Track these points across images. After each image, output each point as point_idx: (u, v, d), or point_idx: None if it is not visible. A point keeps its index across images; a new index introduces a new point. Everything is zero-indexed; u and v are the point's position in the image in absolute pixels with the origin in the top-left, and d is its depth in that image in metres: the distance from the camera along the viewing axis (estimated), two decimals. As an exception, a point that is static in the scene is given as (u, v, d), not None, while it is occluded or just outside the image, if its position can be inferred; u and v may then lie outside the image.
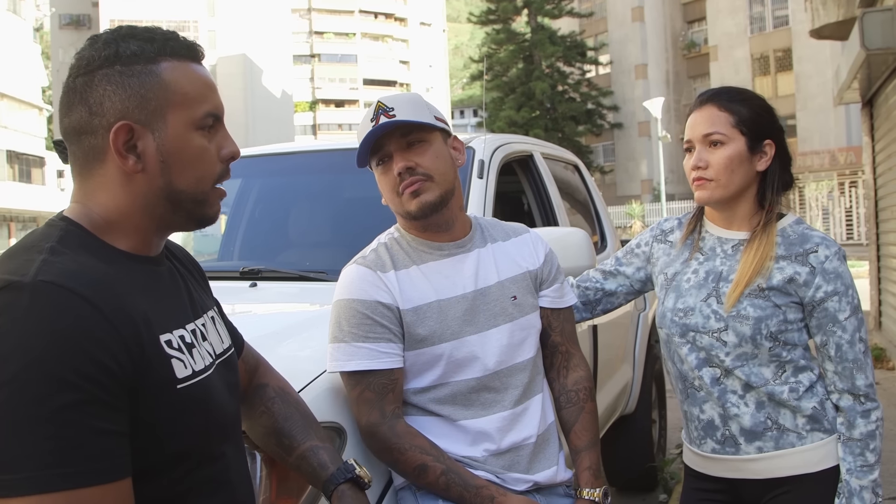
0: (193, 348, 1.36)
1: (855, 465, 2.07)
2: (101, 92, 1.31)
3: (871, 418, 2.08)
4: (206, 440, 1.36)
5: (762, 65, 38.87)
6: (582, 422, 2.18)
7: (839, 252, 2.10)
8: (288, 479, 1.77)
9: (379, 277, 2.04)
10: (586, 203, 4.88)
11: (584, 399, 2.21)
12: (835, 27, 10.05)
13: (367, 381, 1.98)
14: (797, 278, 2.07)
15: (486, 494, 1.95)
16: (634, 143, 45.32)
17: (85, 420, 1.13)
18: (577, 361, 2.26)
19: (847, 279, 2.09)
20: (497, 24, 44.42)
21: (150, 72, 1.33)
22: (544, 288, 2.22)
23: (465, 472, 1.97)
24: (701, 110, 2.16)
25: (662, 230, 2.37)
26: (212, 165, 1.40)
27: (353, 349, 1.99)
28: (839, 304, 2.06)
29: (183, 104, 1.36)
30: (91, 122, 1.32)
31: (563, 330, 2.25)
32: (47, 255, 1.22)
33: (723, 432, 2.16)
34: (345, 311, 2.02)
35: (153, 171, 1.34)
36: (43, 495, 1.10)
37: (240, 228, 3.56)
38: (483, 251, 2.16)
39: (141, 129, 1.32)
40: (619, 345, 4.50)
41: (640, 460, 4.86)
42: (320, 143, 5.64)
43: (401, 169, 2.02)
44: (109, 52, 1.32)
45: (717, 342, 2.11)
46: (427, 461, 1.95)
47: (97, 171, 1.34)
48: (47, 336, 1.13)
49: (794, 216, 2.18)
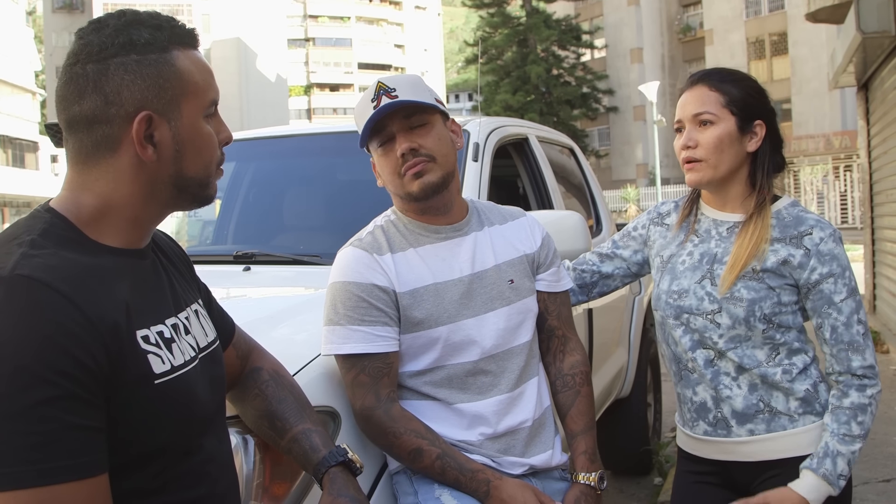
0: (173, 343, 1.35)
1: (839, 431, 2.05)
2: (118, 81, 1.29)
3: (865, 392, 2.06)
4: (186, 434, 1.35)
5: (757, 48, 38.84)
6: (578, 406, 2.18)
7: (834, 234, 2.09)
8: (281, 463, 1.76)
9: (375, 260, 2.03)
10: (581, 186, 4.87)
11: (581, 383, 2.20)
12: (830, 10, 10.03)
13: (362, 365, 1.97)
14: (791, 260, 2.06)
15: (482, 478, 1.95)
16: (630, 127, 45.33)
17: (61, 416, 1.13)
18: (574, 346, 2.25)
19: (843, 261, 2.08)
20: (492, 7, 44.27)
21: (166, 61, 1.33)
22: (541, 272, 2.22)
23: (460, 456, 1.97)
24: (692, 90, 2.15)
25: (659, 213, 2.36)
26: (216, 150, 1.42)
27: (349, 332, 1.98)
28: (835, 286, 2.05)
29: (194, 93, 1.36)
30: (107, 112, 1.30)
31: (559, 314, 2.24)
32: (27, 249, 1.21)
33: (715, 414, 2.16)
34: (340, 293, 2.01)
35: (166, 160, 1.34)
36: (19, 491, 1.10)
37: (234, 212, 3.55)
38: (480, 234, 2.15)
39: (158, 118, 1.32)
40: (615, 328, 4.50)
41: (636, 444, 4.88)
42: (314, 127, 5.62)
43: (405, 150, 2.01)
44: (123, 40, 1.30)
45: (710, 324, 2.11)
46: (422, 445, 1.94)
47: (106, 160, 1.32)
48: (23, 331, 1.12)
49: (790, 198, 2.17)
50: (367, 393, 1.96)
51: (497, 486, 1.94)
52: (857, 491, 4.55)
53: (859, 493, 4.55)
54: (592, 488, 2.08)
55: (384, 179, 2.10)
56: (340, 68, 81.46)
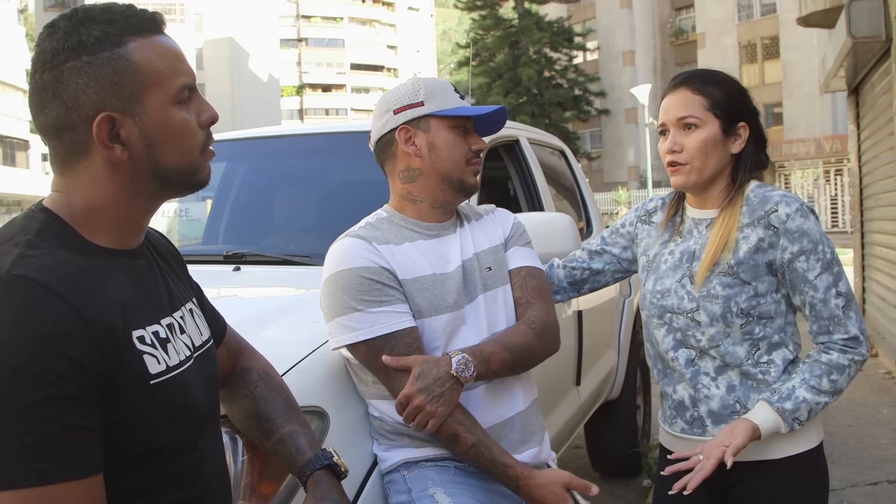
0: (168, 343, 1.35)
1: (809, 380, 2.03)
2: (73, 86, 1.27)
3: (847, 354, 2.05)
4: (181, 434, 1.35)
5: (749, 52, 38.94)
6: (507, 331, 2.11)
7: (801, 208, 2.07)
8: (270, 463, 1.76)
9: (374, 247, 2.04)
10: (572, 189, 4.88)
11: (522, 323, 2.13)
12: (822, 15, 10.05)
13: (390, 346, 1.96)
14: (762, 244, 2.07)
15: (513, 475, 1.97)
16: (621, 130, 45.38)
17: (57, 416, 1.13)
18: (536, 307, 2.17)
19: (814, 235, 2.06)
20: (484, 9, 44.28)
21: (119, 56, 1.29)
22: (507, 251, 2.23)
23: (495, 448, 1.98)
24: (675, 93, 2.16)
25: (647, 210, 2.38)
26: (195, 136, 1.38)
27: (371, 316, 1.96)
28: (807, 262, 2.05)
29: (157, 83, 1.32)
30: (69, 118, 1.28)
31: (523, 284, 2.19)
32: (24, 249, 1.21)
33: (692, 413, 2.17)
34: (349, 280, 1.99)
35: (139, 156, 1.32)
36: (15, 491, 1.10)
37: (224, 212, 3.55)
38: (462, 230, 2.19)
39: (121, 116, 1.29)
40: (604, 330, 4.51)
41: (625, 446, 4.89)
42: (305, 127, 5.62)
43: (482, 149, 2.15)
44: (73, 42, 1.27)
45: (691, 322, 2.12)
46: (459, 431, 1.96)
47: (81, 164, 1.31)
48: (20, 332, 1.13)
49: (756, 181, 2.17)
50: (404, 374, 1.95)
51: (527, 484, 1.97)
52: (844, 494, 4.58)
53: (847, 496, 4.57)
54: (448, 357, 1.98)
55: (441, 152, 2.09)
56: (333, 69, 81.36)
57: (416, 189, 2.12)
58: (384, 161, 2.16)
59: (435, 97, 2.10)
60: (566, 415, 3.63)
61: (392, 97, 2.13)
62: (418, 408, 1.91)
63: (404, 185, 2.13)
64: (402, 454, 2.04)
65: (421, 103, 2.09)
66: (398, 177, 2.13)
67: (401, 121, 2.10)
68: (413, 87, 2.12)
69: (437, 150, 2.09)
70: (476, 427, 1.98)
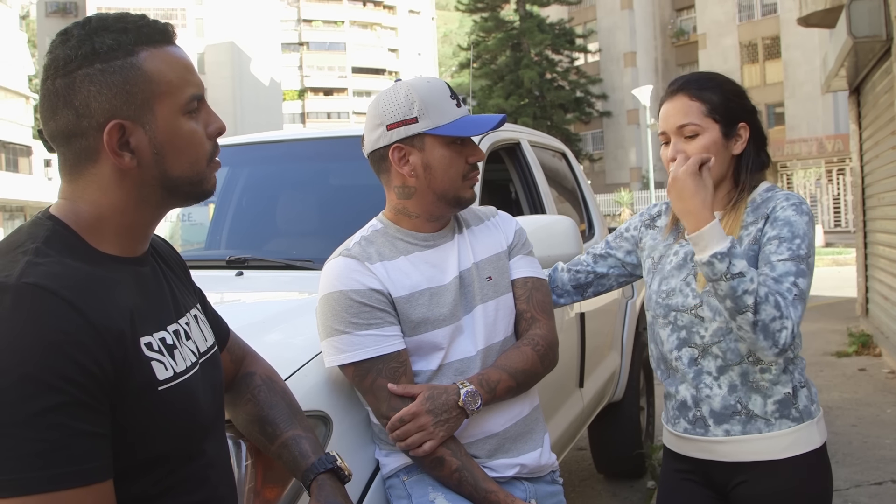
0: (175, 349, 1.36)
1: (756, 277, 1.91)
2: (85, 93, 1.28)
3: (770, 302, 1.90)
4: (188, 439, 1.36)
5: (750, 52, 38.91)
6: (509, 353, 2.11)
7: (798, 205, 2.07)
8: (273, 467, 1.77)
9: (366, 267, 2.03)
10: (574, 191, 4.89)
11: (526, 343, 2.13)
12: (822, 15, 10.05)
13: (378, 369, 1.97)
14: (759, 235, 2.08)
15: (494, 500, 1.96)
16: (623, 131, 45.36)
17: (68, 423, 1.14)
18: (541, 325, 2.18)
19: (797, 229, 2.02)
20: (485, 11, 44.32)
21: (132, 65, 1.31)
22: (510, 260, 2.22)
23: (478, 473, 1.98)
24: (672, 101, 2.17)
25: (651, 215, 2.39)
26: (203, 146, 1.39)
27: (358, 339, 1.97)
28: (777, 247, 2.02)
29: (168, 93, 1.34)
30: (80, 125, 1.29)
31: (529, 297, 2.19)
32: (32, 257, 1.22)
33: (694, 413, 2.18)
34: (339, 303, 1.99)
35: (147, 164, 1.33)
36: (27, 497, 1.11)
37: (227, 217, 3.55)
38: (460, 237, 2.17)
39: (131, 125, 1.31)
40: (607, 332, 4.51)
41: (629, 447, 4.89)
42: (307, 131, 5.62)
43: (479, 161, 2.09)
44: (86, 50, 1.29)
45: (695, 318, 2.13)
46: (446, 455, 1.96)
47: (89, 171, 1.32)
48: (30, 339, 1.13)
49: (767, 184, 2.18)
50: (394, 398, 1.96)
51: None
52: (849, 494, 4.58)
53: (851, 496, 4.57)
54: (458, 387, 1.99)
55: (437, 172, 2.04)
56: (334, 72, 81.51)
57: (412, 205, 2.09)
58: (379, 172, 2.12)
59: (429, 112, 2.01)
60: (569, 417, 3.63)
61: (385, 109, 2.04)
62: (422, 426, 1.93)
63: (399, 199, 2.09)
64: (402, 459, 2.04)
65: (415, 119, 2.01)
66: (394, 191, 2.10)
67: (394, 138, 2.02)
68: (407, 100, 2.01)
69: (432, 171, 2.04)
70: (461, 451, 1.99)
